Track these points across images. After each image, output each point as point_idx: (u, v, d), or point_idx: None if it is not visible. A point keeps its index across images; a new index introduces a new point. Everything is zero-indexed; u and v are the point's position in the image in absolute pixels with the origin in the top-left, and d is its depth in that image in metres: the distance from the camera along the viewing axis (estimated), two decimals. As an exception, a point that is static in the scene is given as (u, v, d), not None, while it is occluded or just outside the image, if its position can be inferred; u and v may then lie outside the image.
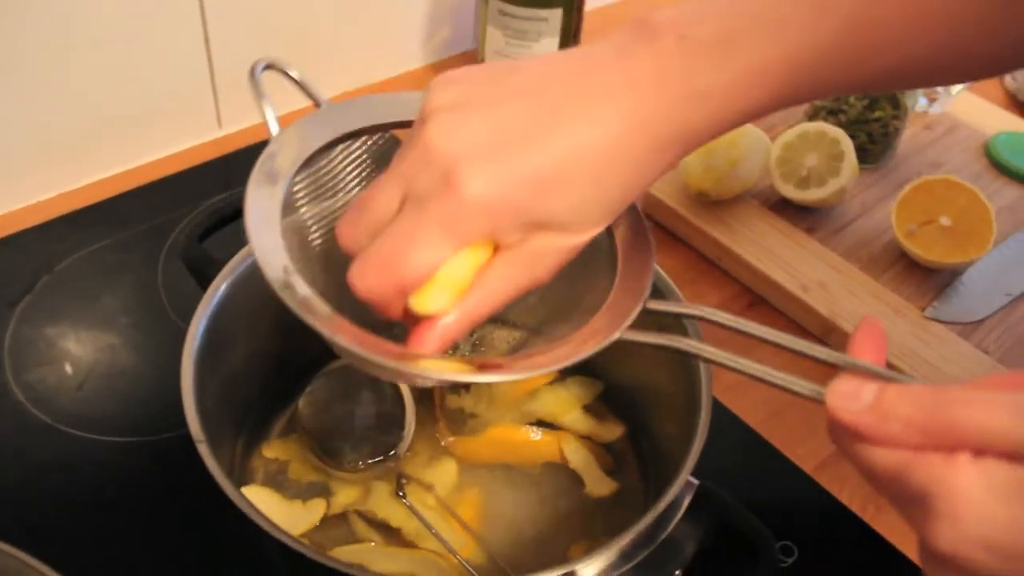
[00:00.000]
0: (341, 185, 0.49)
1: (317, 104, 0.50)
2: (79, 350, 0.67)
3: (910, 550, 0.60)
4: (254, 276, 0.54)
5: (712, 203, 0.79)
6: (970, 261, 0.75)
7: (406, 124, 0.48)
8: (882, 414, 0.33)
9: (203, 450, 0.45)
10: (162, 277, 0.72)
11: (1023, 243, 0.80)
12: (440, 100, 0.41)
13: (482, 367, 0.41)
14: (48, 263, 0.72)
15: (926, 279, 0.76)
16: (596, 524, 0.57)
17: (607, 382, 0.62)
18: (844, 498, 0.63)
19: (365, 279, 0.40)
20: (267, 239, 0.42)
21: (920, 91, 0.88)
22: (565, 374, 0.61)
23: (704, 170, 0.77)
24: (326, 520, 0.55)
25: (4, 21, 0.68)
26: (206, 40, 0.79)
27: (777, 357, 0.40)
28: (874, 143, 0.84)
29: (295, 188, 0.46)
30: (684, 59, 0.40)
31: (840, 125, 0.82)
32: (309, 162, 0.47)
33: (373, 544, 0.54)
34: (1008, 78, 1.04)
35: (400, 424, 0.57)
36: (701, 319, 0.43)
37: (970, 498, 0.30)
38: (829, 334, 0.72)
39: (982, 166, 0.88)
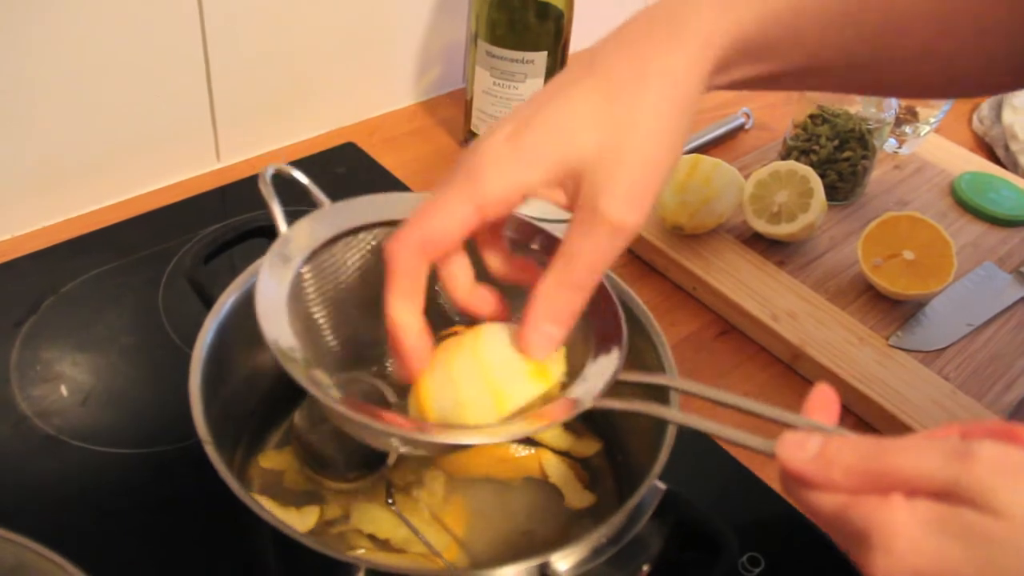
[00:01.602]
0: (342, 274, 0.56)
1: (321, 205, 0.57)
2: (82, 368, 0.72)
3: (871, 563, 0.65)
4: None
5: (688, 237, 0.85)
6: (932, 293, 0.80)
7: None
8: (826, 462, 0.37)
9: (210, 450, 0.49)
10: (163, 300, 0.77)
11: (984, 277, 0.86)
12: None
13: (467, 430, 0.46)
14: (52, 285, 0.77)
15: (891, 310, 0.81)
16: (574, 534, 0.61)
17: (586, 402, 0.67)
18: (810, 514, 0.68)
19: (396, 239, 0.44)
20: (274, 320, 0.48)
21: (889, 133, 0.94)
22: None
23: (679, 205, 0.82)
24: (319, 526, 0.59)
25: (11, 53, 0.74)
26: (208, 77, 0.85)
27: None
28: (844, 181, 0.90)
29: (302, 276, 0.53)
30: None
31: (811, 164, 0.88)
32: (314, 254, 0.53)
33: (363, 551, 0.59)
34: (976, 120, 1.11)
35: (390, 437, 0.62)
36: (671, 388, 0.50)
37: (902, 533, 0.34)
38: (797, 361, 0.77)
39: (947, 204, 0.94)
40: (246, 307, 0.59)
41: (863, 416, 0.74)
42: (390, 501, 0.60)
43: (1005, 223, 0.93)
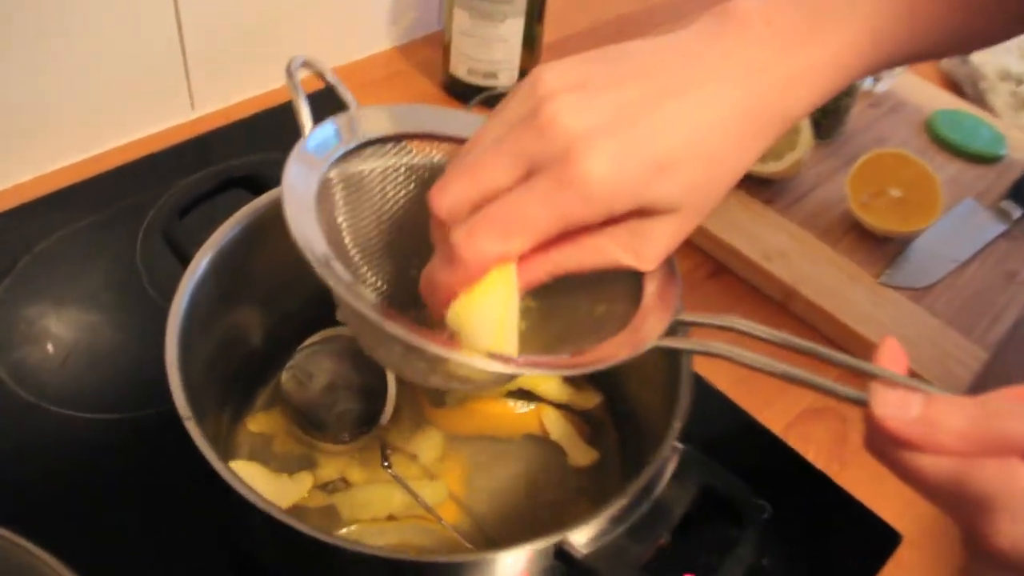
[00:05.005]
0: (367, 183, 0.47)
1: (347, 106, 0.48)
2: (61, 328, 0.62)
3: (873, 504, 0.58)
4: (235, 249, 0.51)
5: (675, 178, 0.77)
6: (919, 231, 0.73)
7: (435, 136, 0.47)
8: (931, 424, 0.32)
9: (190, 427, 0.41)
10: (140, 255, 0.68)
11: (965, 213, 0.78)
12: (556, 82, 0.38)
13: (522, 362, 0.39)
14: (27, 244, 0.67)
15: (878, 247, 0.74)
16: (576, 491, 0.54)
17: (583, 351, 0.59)
18: (810, 457, 0.61)
19: (474, 239, 0.37)
20: (306, 226, 0.40)
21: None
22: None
23: (668, 146, 0.74)
24: (313, 493, 0.51)
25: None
26: (178, 22, 0.74)
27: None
28: (826, 118, 0.81)
29: (328, 180, 0.44)
30: (777, 43, 0.39)
31: (794, 102, 0.79)
32: (342, 158, 0.45)
33: (356, 526, 0.51)
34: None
35: (382, 395, 0.54)
36: (732, 330, 0.41)
37: None
38: (790, 300, 0.69)
39: (923, 141, 0.86)
40: (226, 261, 0.50)
41: (856, 355, 0.66)
42: (386, 464, 0.52)
43: (981, 160, 0.85)
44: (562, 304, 0.47)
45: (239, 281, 0.52)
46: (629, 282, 0.43)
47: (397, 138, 0.47)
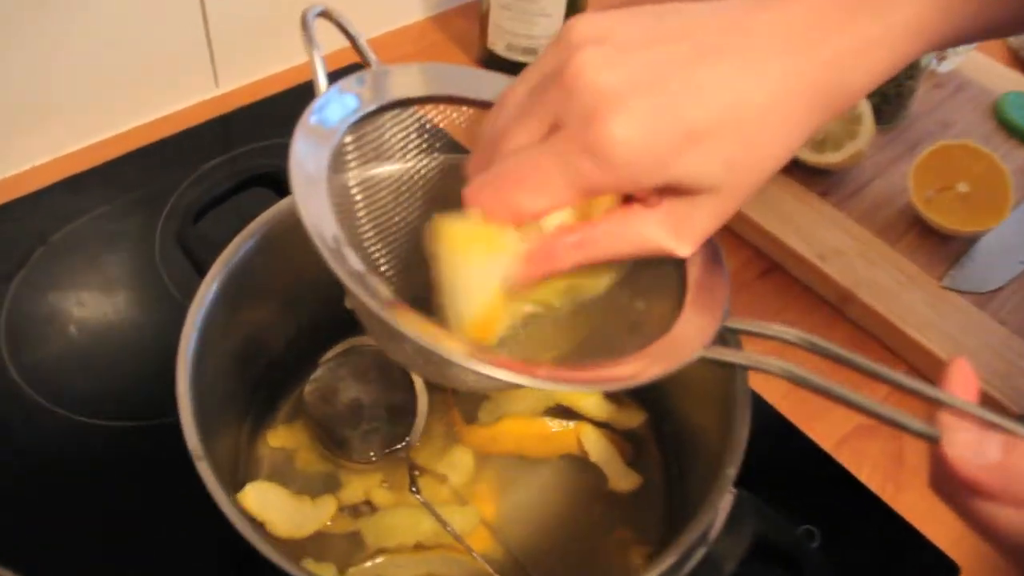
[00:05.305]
0: (385, 151, 0.43)
1: (367, 64, 0.43)
2: (77, 326, 0.59)
3: (928, 530, 0.54)
4: (251, 260, 0.47)
5: (724, 167, 0.71)
6: (988, 230, 0.67)
7: (460, 100, 0.43)
8: (1011, 473, 0.28)
9: (202, 468, 0.38)
10: (159, 247, 0.64)
11: (1035, 208, 0.73)
12: (589, 32, 0.34)
13: (546, 372, 0.34)
14: (43, 234, 0.64)
15: (941, 246, 0.68)
16: (616, 517, 0.50)
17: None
18: (863, 477, 0.57)
19: (480, 196, 0.34)
20: (314, 204, 0.35)
21: (930, 48, 0.79)
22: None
23: (717, 134, 0.69)
24: (337, 517, 0.48)
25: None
26: (201, -6, 0.70)
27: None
28: (888, 103, 0.75)
29: (342, 149, 0.40)
30: (836, 12, 0.34)
31: (853, 85, 0.73)
32: (358, 124, 0.40)
33: (381, 559, 0.47)
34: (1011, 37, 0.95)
35: (411, 412, 0.51)
36: (784, 341, 0.37)
37: None
38: (846, 303, 0.65)
39: (991, 127, 0.80)
40: (242, 274, 0.46)
41: (915, 364, 0.62)
42: (413, 489, 0.49)
43: (1051, 146, 0.79)
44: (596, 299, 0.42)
45: (256, 292, 0.48)
46: (671, 277, 0.39)
47: (421, 100, 0.43)
